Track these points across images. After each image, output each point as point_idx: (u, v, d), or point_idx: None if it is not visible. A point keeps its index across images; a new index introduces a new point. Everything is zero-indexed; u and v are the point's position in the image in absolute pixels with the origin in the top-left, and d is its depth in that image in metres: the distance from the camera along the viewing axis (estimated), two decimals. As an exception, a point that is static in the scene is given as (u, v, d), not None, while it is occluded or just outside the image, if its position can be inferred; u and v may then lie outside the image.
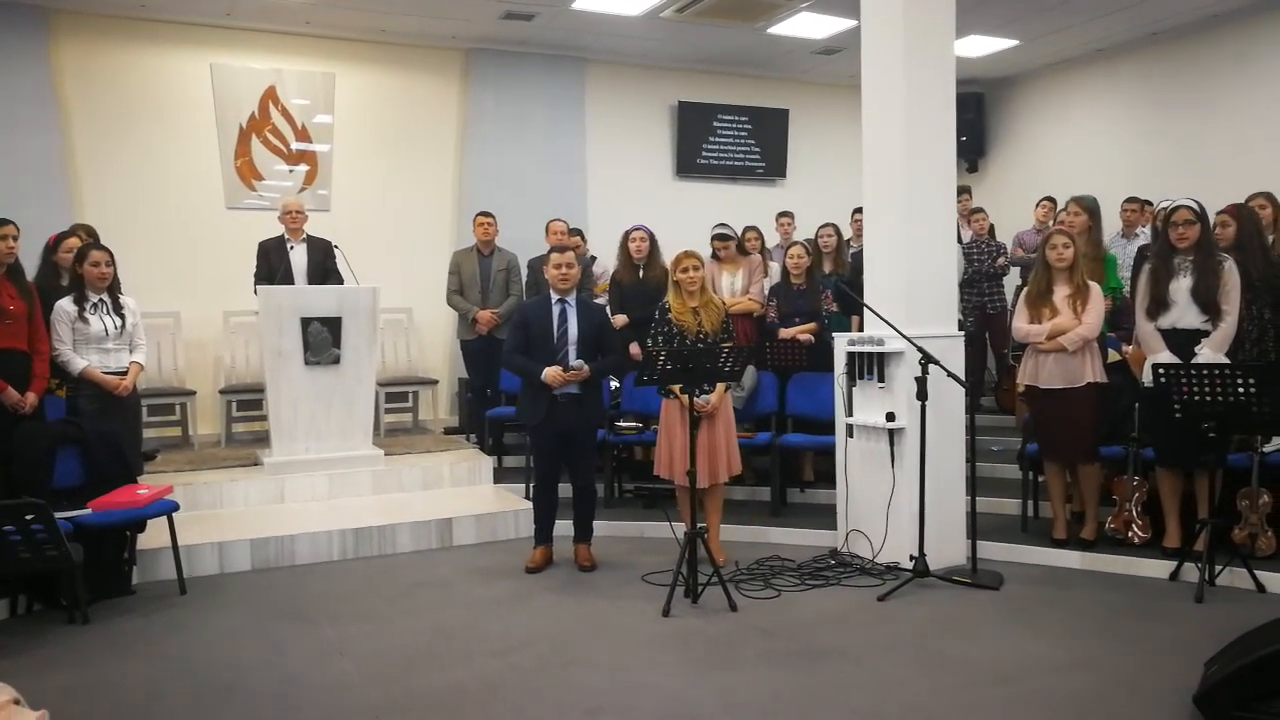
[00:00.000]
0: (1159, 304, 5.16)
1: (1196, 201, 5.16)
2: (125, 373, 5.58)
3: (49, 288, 5.73)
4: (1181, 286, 5.10)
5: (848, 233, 8.16)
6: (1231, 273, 5.05)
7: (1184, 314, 5.10)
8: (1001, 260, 8.19)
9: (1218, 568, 4.89)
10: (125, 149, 8.31)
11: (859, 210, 8.26)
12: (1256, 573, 4.83)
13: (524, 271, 7.90)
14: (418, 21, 8.69)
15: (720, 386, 5.32)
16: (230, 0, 7.98)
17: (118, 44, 8.27)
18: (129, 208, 8.22)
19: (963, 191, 8.96)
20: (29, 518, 4.34)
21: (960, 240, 8.61)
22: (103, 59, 8.24)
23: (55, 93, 8.02)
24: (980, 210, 8.52)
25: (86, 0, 7.96)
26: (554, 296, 5.42)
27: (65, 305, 5.46)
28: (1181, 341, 5.09)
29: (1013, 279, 8.49)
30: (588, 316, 5.44)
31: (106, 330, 5.52)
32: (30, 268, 5.93)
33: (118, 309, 5.61)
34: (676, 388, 4.97)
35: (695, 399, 5.07)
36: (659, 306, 5.56)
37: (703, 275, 5.45)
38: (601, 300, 7.70)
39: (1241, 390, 4.57)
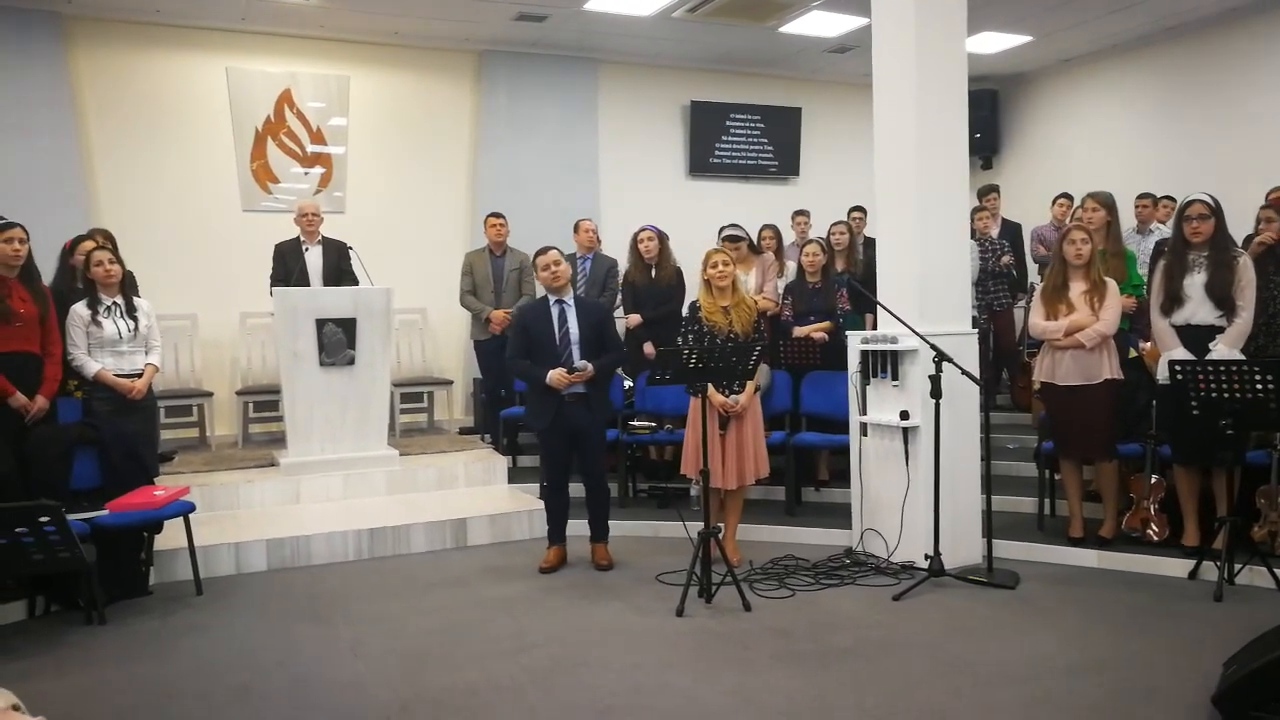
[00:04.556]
0: (1173, 300, 5.11)
1: (1211, 196, 5.10)
2: (140, 375, 5.60)
3: (66, 290, 5.77)
4: (1196, 282, 5.05)
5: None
6: (1246, 268, 5.01)
7: (1198, 310, 5.05)
8: (1006, 259, 8.10)
9: (1237, 566, 4.84)
10: (142, 153, 8.37)
11: (856, 209, 8.29)
12: (1276, 571, 4.77)
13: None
14: (431, 24, 8.71)
15: (750, 386, 5.30)
16: (245, 4, 8.02)
17: (133, 49, 8.32)
18: (146, 211, 8.29)
19: (990, 190, 8.90)
20: (43, 520, 4.36)
21: (977, 237, 8.59)
22: (119, 64, 8.30)
23: (72, 98, 8.08)
24: (983, 209, 8.46)
25: (102, 6, 8.01)
26: (551, 298, 5.41)
27: (79, 309, 5.48)
28: (1196, 337, 5.05)
29: (1032, 276, 8.45)
30: (586, 315, 5.41)
31: (120, 333, 5.54)
32: (49, 271, 5.99)
33: (131, 311, 5.63)
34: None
35: (724, 398, 5.06)
36: (690, 305, 5.53)
37: (732, 271, 5.41)
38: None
39: (1259, 386, 4.52)
